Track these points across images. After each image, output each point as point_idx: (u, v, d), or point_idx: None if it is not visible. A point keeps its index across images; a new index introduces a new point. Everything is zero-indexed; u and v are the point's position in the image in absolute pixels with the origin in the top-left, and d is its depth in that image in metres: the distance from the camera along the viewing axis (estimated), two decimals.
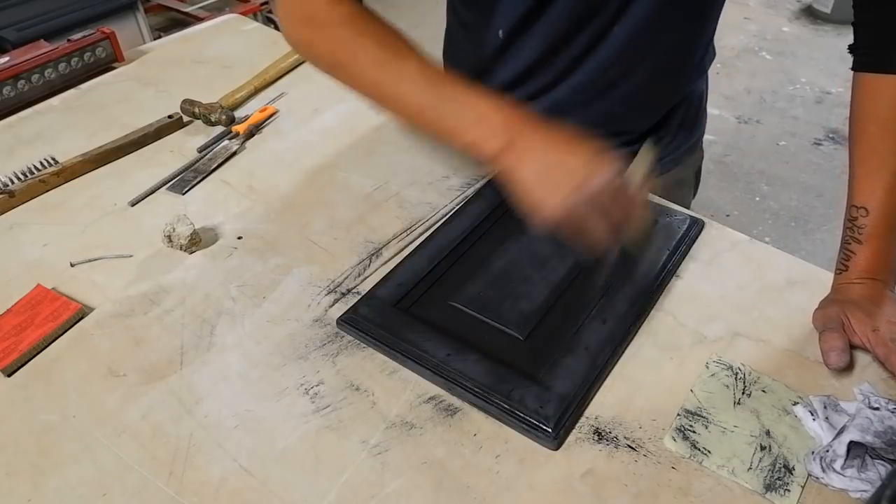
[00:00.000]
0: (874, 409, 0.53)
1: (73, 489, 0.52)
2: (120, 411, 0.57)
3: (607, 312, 0.62)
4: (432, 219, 0.75)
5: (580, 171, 0.54)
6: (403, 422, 0.56)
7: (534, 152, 0.56)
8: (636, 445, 0.53)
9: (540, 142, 0.56)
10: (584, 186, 0.54)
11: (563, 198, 0.54)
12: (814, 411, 0.54)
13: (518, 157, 0.56)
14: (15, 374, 0.61)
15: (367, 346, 0.62)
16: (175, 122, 0.91)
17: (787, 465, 0.52)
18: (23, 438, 0.56)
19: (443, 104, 0.59)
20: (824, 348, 0.58)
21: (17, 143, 0.89)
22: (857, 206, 0.62)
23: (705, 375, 0.58)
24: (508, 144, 0.56)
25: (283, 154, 0.86)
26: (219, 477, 0.52)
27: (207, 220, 0.76)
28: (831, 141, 2.52)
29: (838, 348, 0.57)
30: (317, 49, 0.65)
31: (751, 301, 0.65)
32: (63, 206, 0.79)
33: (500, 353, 0.59)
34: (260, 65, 1.02)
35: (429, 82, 0.59)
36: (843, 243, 0.64)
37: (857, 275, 0.62)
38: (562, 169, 0.55)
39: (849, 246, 0.63)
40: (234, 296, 0.67)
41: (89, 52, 1.00)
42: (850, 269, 0.63)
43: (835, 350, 0.57)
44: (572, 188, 0.54)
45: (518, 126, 0.56)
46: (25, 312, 0.65)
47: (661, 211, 0.73)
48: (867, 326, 0.58)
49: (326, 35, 0.63)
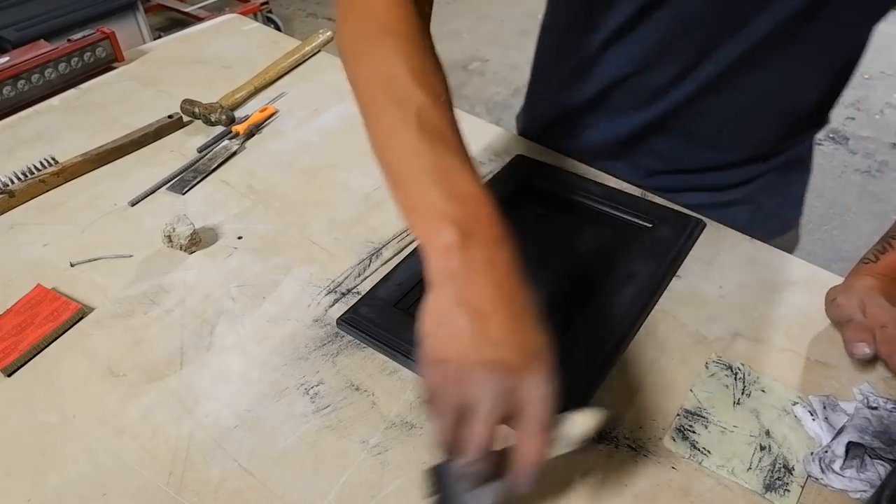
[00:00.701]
0: (872, 408, 0.53)
1: (73, 489, 0.52)
2: (120, 411, 0.57)
3: (607, 312, 0.62)
4: None
5: (493, 358, 0.40)
6: (403, 422, 0.56)
7: (449, 302, 0.42)
8: (636, 445, 0.53)
9: (476, 289, 0.42)
10: (484, 377, 0.40)
11: (446, 370, 0.41)
12: (813, 411, 0.54)
13: (436, 288, 0.43)
14: (15, 374, 0.61)
15: (367, 346, 0.62)
16: (175, 122, 0.91)
17: (787, 465, 0.52)
18: (23, 438, 0.56)
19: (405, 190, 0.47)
20: (849, 337, 0.57)
21: (17, 143, 0.89)
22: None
23: (704, 375, 0.58)
24: (439, 270, 0.43)
25: (283, 154, 0.86)
26: (219, 477, 0.52)
27: (207, 220, 0.76)
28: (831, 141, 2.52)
29: (865, 339, 0.56)
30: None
31: (751, 301, 0.65)
32: (63, 206, 0.79)
33: None
34: (260, 65, 1.02)
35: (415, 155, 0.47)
36: (886, 236, 0.63)
37: (881, 269, 0.61)
38: (473, 340, 0.40)
39: (892, 241, 0.62)
40: (234, 296, 0.67)
41: (89, 52, 1.00)
42: (878, 262, 0.62)
43: (862, 340, 0.56)
44: (465, 365, 0.40)
45: (462, 252, 0.43)
46: (25, 312, 0.65)
47: (662, 211, 0.73)
48: (877, 322, 0.57)
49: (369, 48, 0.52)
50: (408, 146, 0.47)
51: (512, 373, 0.40)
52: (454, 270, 0.42)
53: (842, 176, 2.36)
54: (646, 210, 0.73)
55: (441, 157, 0.46)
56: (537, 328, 0.42)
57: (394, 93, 0.49)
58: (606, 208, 0.74)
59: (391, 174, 0.49)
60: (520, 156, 0.82)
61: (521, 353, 0.40)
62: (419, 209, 0.45)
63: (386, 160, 0.49)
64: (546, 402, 0.40)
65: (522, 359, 0.40)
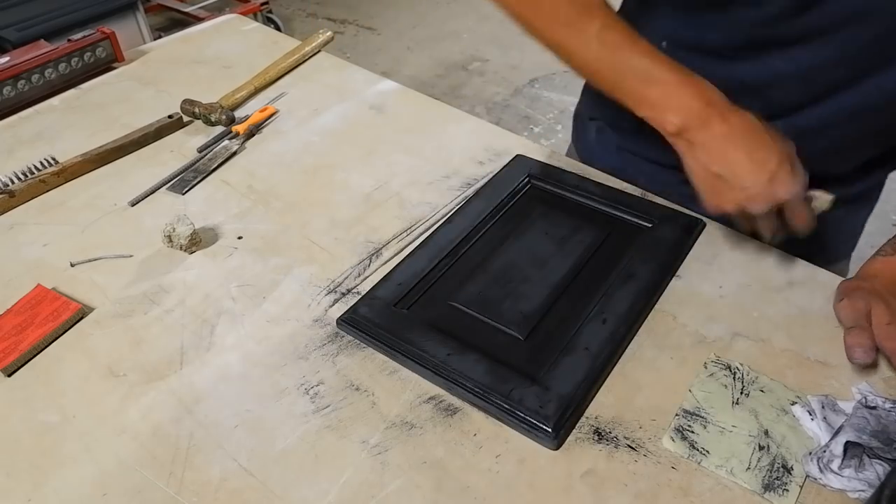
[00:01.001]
0: (871, 408, 0.53)
1: (73, 489, 0.52)
2: (120, 411, 0.57)
3: (607, 312, 0.62)
4: (432, 219, 0.75)
5: (753, 183, 0.55)
6: (403, 422, 0.56)
7: (710, 149, 0.55)
8: (636, 445, 0.53)
9: (720, 139, 0.55)
10: (753, 200, 0.55)
11: (729, 204, 0.56)
12: (812, 411, 0.54)
13: (694, 149, 0.56)
14: (15, 374, 0.61)
15: (367, 346, 0.62)
16: (175, 122, 0.91)
17: (786, 464, 0.52)
18: (23, 438, 0.56)
19: (624, 73, 0.57)
20: (850, 343, 0.57)
21: (17, 143, 0.89)
22: None
23: (703, 375, 0.58)
24: (685, 129, 0.55)
25: (283, 154, 0.87)
26: (219, 477, 0.52)
27: (207, 220, 0.76)
28: None
29: (865, 345, 0.56)
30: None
31: (751, 301, 0.65)
32: (63, 206, 0.79)
33: (500, 353, 0.59)
34: (260, 65, 1.02)
35: (611, 48, 0.58)
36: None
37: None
38: (735, 178, 0.55)
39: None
40: (234, 296, 0.67)
41: (89, 52, 1.00)
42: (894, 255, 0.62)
43: (861, 346, 0.56)
44: (740, 199, 0.55)
45: (699, 110, 0.55)
46: (25, 312, 0.65)
47: (662, 211, 0.73)
48: (883, 319, 0.57)
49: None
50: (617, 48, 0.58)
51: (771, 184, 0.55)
52: (698, 146, 0.56)
53: None
54: (646, 210, 0.73)
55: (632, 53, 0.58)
56: (773, 146, 0.55)
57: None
58: (606, 208, 0.74)
59: (600, 80, 0.61)
60: (520, 156, 0.82)
61: (766, 177, 0.55)
62: (640, 100, 0.58)
63: (586, 68, 0.61)
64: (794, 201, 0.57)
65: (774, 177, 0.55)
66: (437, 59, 3.00)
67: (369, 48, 3.14)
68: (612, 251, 0.69)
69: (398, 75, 2.87)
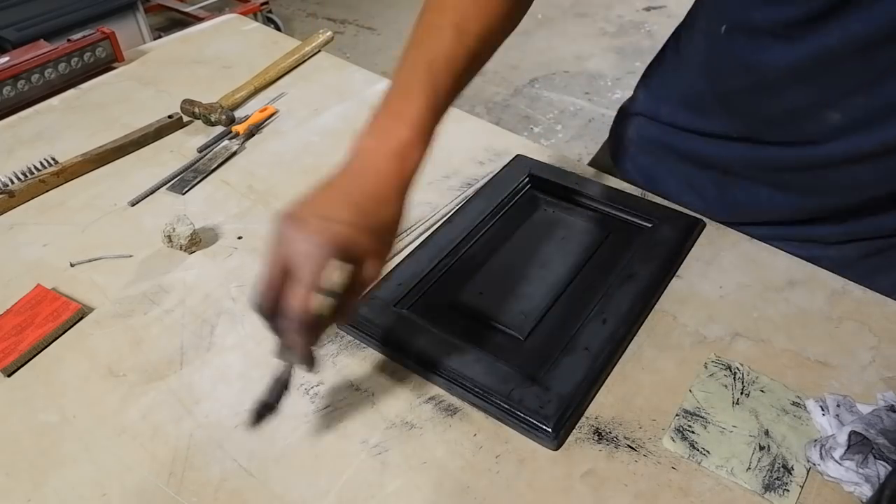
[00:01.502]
0: (893, 411, 0.52)
1: (73, 489, 0.52)
2: (120, 411, 0.57)
3: (607, 312, 0.62)
4: (432, 219, 0.75)
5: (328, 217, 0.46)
6: (403, 422, 0.56)
7: (328, 183, 0.49)
8: (636, 445, 0.53)
9: (338, 184, 0.49)
10: (286, 241, 0.46)
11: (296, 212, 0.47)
12: (825, 406, 0.54)
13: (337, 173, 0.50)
14: (15, 374, 0.61)
15: (367, 346, 0.62)
16: (175, 122, 0.91)
17: (786, 464, 0.52)
18: (23, 438, 0.56)
19: (398, 71, 0.53)
20: None
21: (17, 143, 0.89)
22: None
23: (703, 375, 0.58)
24: (356, 150, 0.50)
25: (283, 154, 0.86)
26: (219, 477, 0.52)
27: (207, 220, 0.76)
28: None
29: None
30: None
31: (751, 301, 0.65)
32: (63, 206, 0.79)
33: (500, 353, 0.59)
34: (260, 65, 1.02)
35: (415, 45, 0.54)
36: None
37: None
38: (304, 210, 0.47)
39: None
40: (234, 296, 0.67)
41: (89, 52, 1.00)
42: None
43: None
44: (306, 215, 0.46)
45: (370, 155, 0.49)
46: (25, 312, 0.65)
47: (662, 211, 0.73)
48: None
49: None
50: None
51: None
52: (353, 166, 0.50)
53: None
54: (646, 210, 0.73)
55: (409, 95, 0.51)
56: (339, 220, 0.47)
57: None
58: (606, 208, 0.74)
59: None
60: (520, 156, 0.82)
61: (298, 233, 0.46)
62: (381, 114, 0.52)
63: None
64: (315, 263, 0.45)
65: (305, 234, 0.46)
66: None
67: (369, 48, 3.14)
68: (612, 251, 0.69)
69: None
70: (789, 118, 0.64)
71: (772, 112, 0.65)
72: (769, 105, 0.64)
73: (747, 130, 0.68)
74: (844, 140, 0.61)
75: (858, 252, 0.72)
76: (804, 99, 0.61)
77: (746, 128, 0.68)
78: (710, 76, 0.69)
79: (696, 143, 0.73)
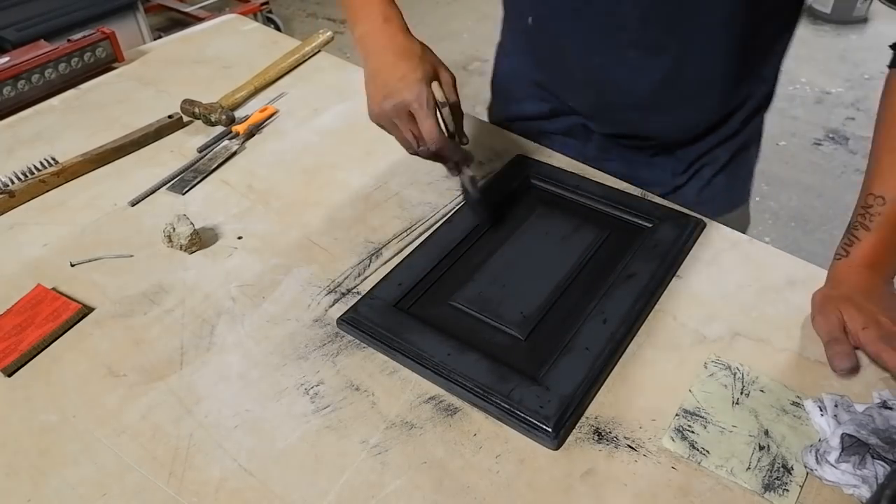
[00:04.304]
0: (889, 409, 0.52)
1: (73, 489, 0.52)
2: (120, 411, 0.57)
3: (607, 312, 0.62)
4: (432, 219, 0.75)
5: (392, 84, 0.64)
6: (403, 422, 0.56)
7: (369, 49, 0.67)
8: (636, 445, 0.53)
9: (380, 48, 0.66)
10: (386, 100, 0.64)
11: (372, 103, 0.66)
12: (823, 407, 0.54)
13: (366, 52, 0.68)
14: (15, 374, 0.61)
15: (367, 346, 0.62)
16: (175, 122, 0.91)
17: (786, 464, 0.52)
18: (23, 438, 0.56)
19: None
20: (829, 355, 0.58)
21: (17, 143, 0.89)
22: (875, 195, 0.61)
23: (703, 375, 0.58)
24: (363, 35, 0.68)
25: (283, 154, 0.87)
26: (219, 477, 0.52)
27: (207, 220, 0.76)
28: (831, 141, 2.52)
29: (843, 352, 0.57)
30: None
31: (751, 301, 0.65)
32: (63, 206, 0.79)
33: (500, 353, 0.59)
34: (260, 65, 1.02)
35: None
36: (850, 229, 0.63)
37: (857, 262, 0.62)
38: (378, 76, 0.65)
39: (855, 232, 0.62)
40: (234, 296, 0.67)
41: (89, 52, 1.00)
42: (850, 255, 0.62)
43: (839, 355, 0.57)
44: (379, 98, 0.65)
45: (379, 23, 0.67)
46: (25, 312, 0.65)
47: (662, 211, 0.73)
48: (858, 324, 0.58)
49: None
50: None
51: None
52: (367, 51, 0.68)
53: (842, 176, 2.36)
54: (646, 210, 0.73)
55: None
56: (420, 61, 0.65)
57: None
58: (606, 208, 0.74)
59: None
60: (520, 156, 0.82)
61: (401, 82, 0.64)
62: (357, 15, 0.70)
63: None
64: (421, 109, 0.64)
65: (404, 83, 0.64)
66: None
67: None
68: (612, 251, 0.69)
69: None
70: None
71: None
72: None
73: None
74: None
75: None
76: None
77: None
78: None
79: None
